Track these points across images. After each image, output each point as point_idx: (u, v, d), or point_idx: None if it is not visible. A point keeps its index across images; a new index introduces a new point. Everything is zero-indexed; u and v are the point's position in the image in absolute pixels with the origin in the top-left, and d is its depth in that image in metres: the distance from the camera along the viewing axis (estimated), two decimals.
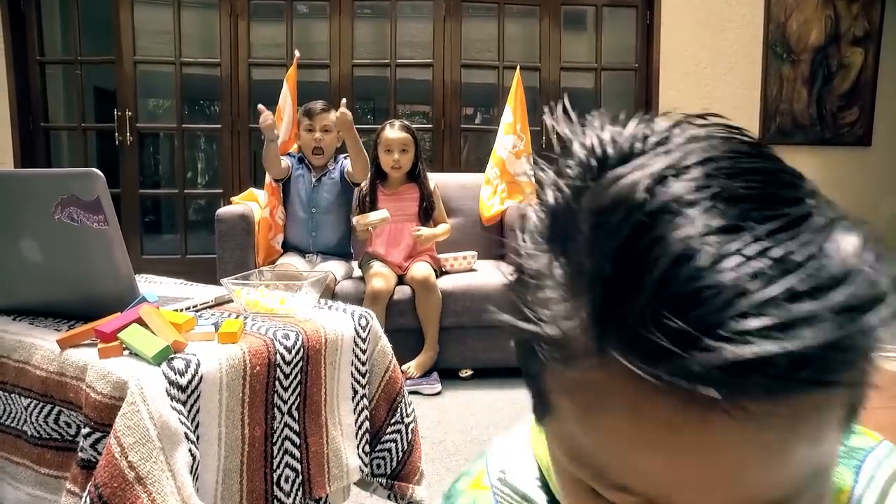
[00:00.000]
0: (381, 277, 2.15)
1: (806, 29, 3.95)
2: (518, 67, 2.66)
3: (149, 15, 3.87)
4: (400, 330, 2.06)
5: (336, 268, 2.24)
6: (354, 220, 2.23)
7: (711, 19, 3.94)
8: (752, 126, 3.98)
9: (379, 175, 2.33)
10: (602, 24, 3.92)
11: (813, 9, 3.95)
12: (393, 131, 2.28)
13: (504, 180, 2.55)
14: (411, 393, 2.03)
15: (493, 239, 2.68)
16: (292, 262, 2.25)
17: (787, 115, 3.98)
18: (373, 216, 2.17)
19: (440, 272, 2.32)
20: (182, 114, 3.69)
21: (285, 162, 2.30)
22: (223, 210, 2.28)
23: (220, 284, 1.09)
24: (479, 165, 2.55)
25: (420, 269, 2.18)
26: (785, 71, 3.97)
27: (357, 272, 2.34)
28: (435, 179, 2.46)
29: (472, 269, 2.40)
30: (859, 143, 4.05)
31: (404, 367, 2.13)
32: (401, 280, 2.25)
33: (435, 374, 2.16)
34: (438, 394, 2.11)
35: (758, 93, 3.97)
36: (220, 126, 3.64)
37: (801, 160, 3.90)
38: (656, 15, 3.89)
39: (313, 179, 2.34)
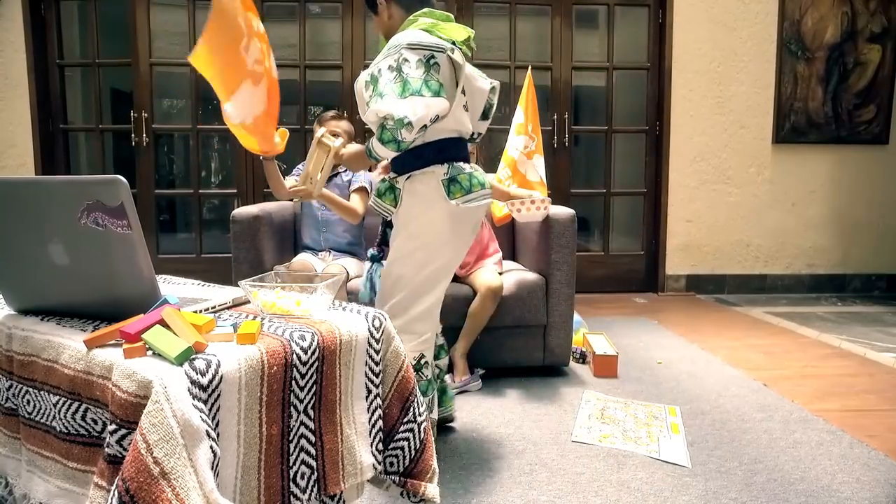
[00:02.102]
0: None
1: (821, 26, 3.91)
2: (529, 68, 2.66)
3: (164, 17, 3.92)
4: None
5: (348, 264, 2.28)
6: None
7: (724, 17, 3.90)
8: (766, 125, 3.95)
9: None
10: (614, 22, 3.90)
11: (829, 6, 3.90)
12: None
13: (515, 181, 2.55)
14: (459, 393, 2.05)
15: (504, 239, 2.70)
16: (306, 259, 2.31)
17: (802, 113, 3.93)
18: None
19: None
20: (197, 114, 3.74)
21: (290, 181, 2.11)
22: (238, 211, 2.31)
23: (236, 284, 1.12)
24: (491, 165, 2.55)
25: (492, 278, 2.16)
26: (799, 69, 3.93)
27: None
28: None
29: (538, 219, 2.03)
30: (876, 141, 3.99)
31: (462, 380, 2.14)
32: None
33: (477, 371, 2.21)
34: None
35: (772, 91, 3.93)
36: None
37: (816, 159, 3.85)
38: (669, 13, 3.86)
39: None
